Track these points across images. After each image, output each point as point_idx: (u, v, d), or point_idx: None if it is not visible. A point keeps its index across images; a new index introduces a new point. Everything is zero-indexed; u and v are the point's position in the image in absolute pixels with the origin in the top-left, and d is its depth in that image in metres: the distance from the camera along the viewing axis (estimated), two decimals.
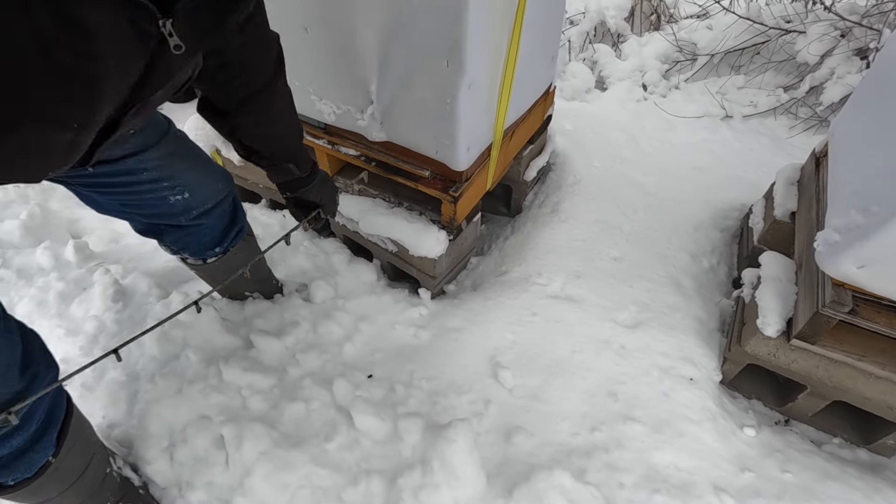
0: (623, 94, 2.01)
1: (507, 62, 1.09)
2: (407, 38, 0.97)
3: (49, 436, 0.71)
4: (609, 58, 2.12)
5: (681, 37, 2.18)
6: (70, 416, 0.76)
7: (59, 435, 0.73)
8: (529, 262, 1.39)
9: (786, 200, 1.29)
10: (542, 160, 1.61)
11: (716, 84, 2.09)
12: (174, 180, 0.84)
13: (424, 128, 1.12)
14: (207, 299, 1.26)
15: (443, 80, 0.99)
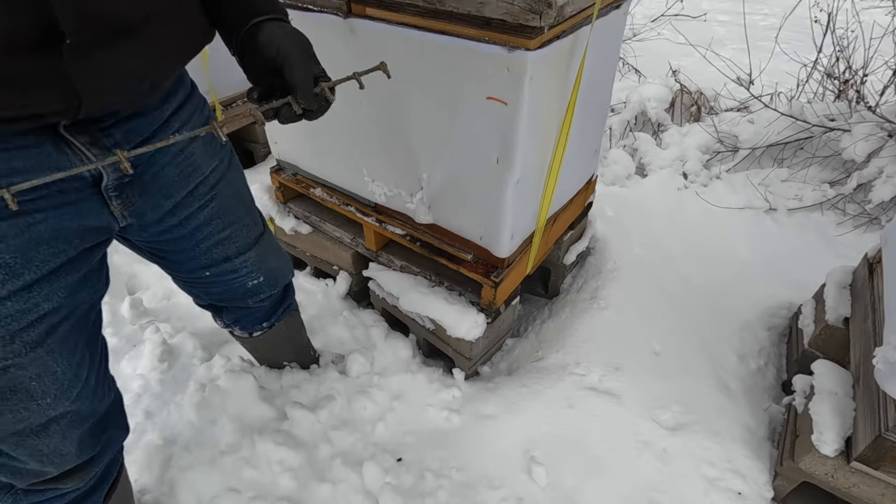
0: (664, 182, 2.04)
1: (554, 158, 1.14)
2: (460, 137, 1.03)
3: (100, 492, 0.73)
4: (650, 146, 2.17)
5: (721, 128, 2.23)
6: (120, 474, 0.78)
7: (108, 492, 0.75)
8: (567, 349, 1.37)
9: (838, 305, 1.25)
10: (582, 245, 1.62)
11: (758, 176, 2.10)
12: (257, 268, 0.89)
13: (470, 215, 1.16)
14: (247, 366, 1.29)
15: (492, 176, 1.04)
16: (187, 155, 0.70)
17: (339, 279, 1.58)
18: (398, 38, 0.99)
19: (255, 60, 0.64)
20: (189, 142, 0.70)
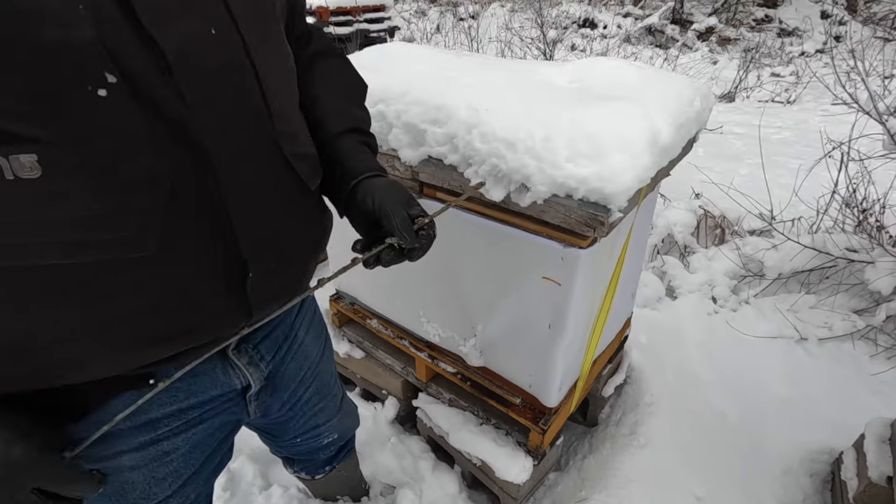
0: (694, 307, 2.13)
1: (599, 316, 1.26)
2: (515, 303, 1.17)
3: None
4: (678, 270, 2.29)
5: (746, 252, 2.34)
6: None
7: None
8: (611, 490, 1.40)
9: (879, 462, 1.28)
10: (620, 377, 1.70)
11: (786, 301, 2.17)
12: (335, 429, 1.00)
13: (521, 366, 1.27)
14: (303, 497, 1.36)
15: (543, 338, 1.16)
16: (302, 346, 0.84)
17: (388, 404, 1.67)
18: (463, 220, 1.16)
19: (357, 217, 0.69)
20: (304, 333, 0.84)
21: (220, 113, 0.51)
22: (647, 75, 1.14)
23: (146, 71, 0.46)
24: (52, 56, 0.41)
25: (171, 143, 0.48)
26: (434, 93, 1.09)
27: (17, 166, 0.42)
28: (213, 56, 0.50)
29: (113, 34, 0.43)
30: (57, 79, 0.42)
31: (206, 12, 0.50)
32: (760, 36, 7.87)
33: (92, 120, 0.44)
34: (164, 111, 0.47)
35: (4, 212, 0.43)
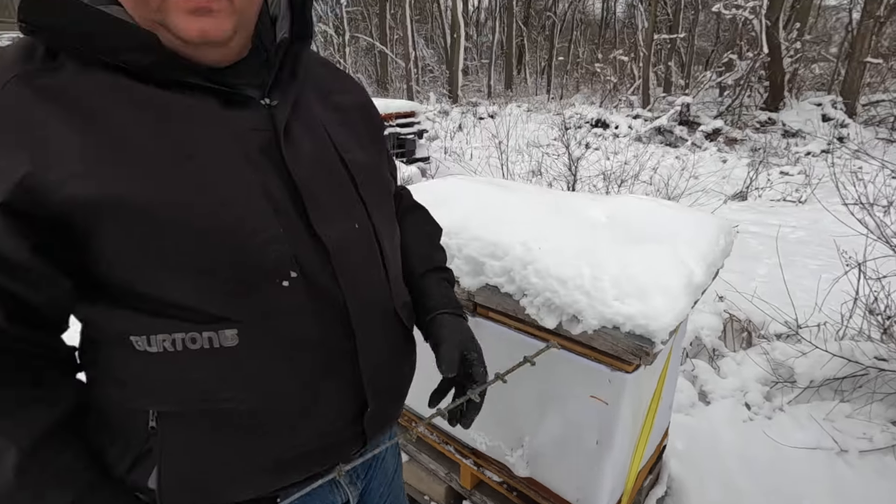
0: (728, 413, 2.15)
1: (643, 431, 1.33)
2: (563, 418, 1.25)
3: None
4: (709, 374, 2.34)
5: (775, 358, 2.39)
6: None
7: None
8: None
9: None
10: (661, 490, 1.71)
11: (821, 409, 2.18)
12: None
13: (568, 479, 1.32)
14: None
15: (591, 453, 1.23)
16: (384, 462, 0.93)
17: None
18: (514, 339, 1.28)
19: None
20: (385, 450, 0.94)
21: (361, 289, 0.66)
22: (675, 215, 1.32)
23: (315, 265, 0.60)
24: (257, 260, 0.57)
25: (328, 317, 0.62)
26: (491, 229, 1.28)
27: (222, 338, 0.57)
28: (357, 247, 0.65)
29: (297, 242, 0.59)
30: (257, 276, 0.57)
31: (352, 212, 0.67)
32: (766, 137, 8.33)
33: (277, 305, 0.58)
34: (326, 294, 0.61)
35: (209, 369, 0.58)
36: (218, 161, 0.56)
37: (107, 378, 0.62)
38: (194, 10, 0.52)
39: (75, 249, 0.53)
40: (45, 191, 0.49)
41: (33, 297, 0.54)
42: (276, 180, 0.58)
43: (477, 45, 25.07)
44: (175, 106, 0.55)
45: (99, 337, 0.61)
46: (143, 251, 0.53)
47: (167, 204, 0.52)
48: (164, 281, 0.54)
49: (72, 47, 0.52)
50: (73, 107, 0.51)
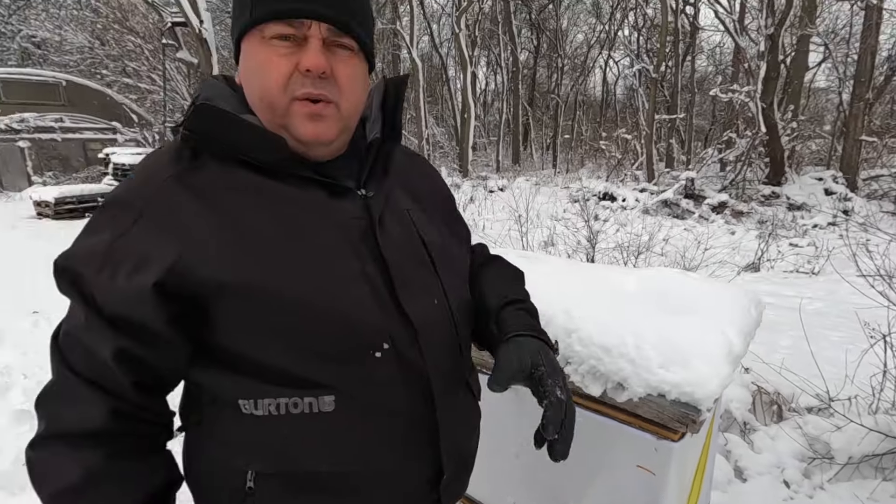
0: (766, 492, 2.08)
1: (690, 498, 1.32)
2: (609, 487, 1.26)
3: None
4: (743, 449, 2.29)
5: (810, 433, 2.34)
6: None
7: None
8: None
9: None
10: None
11: (864, 488, 2.11)
12: None
13: None
14: None
15: None
16: None
17: None
18: None
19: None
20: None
21: (441, 362, 0.70)
22: (705, 286, 1.39)
23: (403, 338, 0.65)
24: (356, 334, 0.63)
25: (414, 387, 0.67)
26: (533, 299, 1.35)
27: (321, 403, 0.63)
28: (437, 323, 0.70)
29: (388, 318, 0.65)
30: (355, 348, 0.63)
31: (431, 289, 0.72)
32: (772, 210, 8.54)
33: (370, 374, 0.64)
34: (412, 365, 0.66)
35: (308, 432, 0.64)
36: (326, 247, 0.64)
37: (210, 438, 0.68)
38: (310, 116, 0.63)
39: (200, 321, 0.61)
40: (186, 273, 0.58)
41: (160, 362, 0.62)
42: (372, 264, 0.66)
43: (484, 124, 26.49)
44: (291, 196, 0.64)
45: (206, 399, 0.67)
46: (259, 326, 0.60)
47: (284, 287, 0.60)
48: (274, 351, 0.61)
49: (217, 149, 0.63)
50: (212, 201, 0.61)
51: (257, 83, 0.63)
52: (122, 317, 0.58)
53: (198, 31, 10.55)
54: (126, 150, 11.35)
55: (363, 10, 0.66)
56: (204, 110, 0.61)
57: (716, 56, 19.47)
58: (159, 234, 0.58)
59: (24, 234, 7.63)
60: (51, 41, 16.46)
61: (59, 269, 0.60)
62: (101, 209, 0.61)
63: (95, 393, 0.59)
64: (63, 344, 0.61)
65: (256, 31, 0.62)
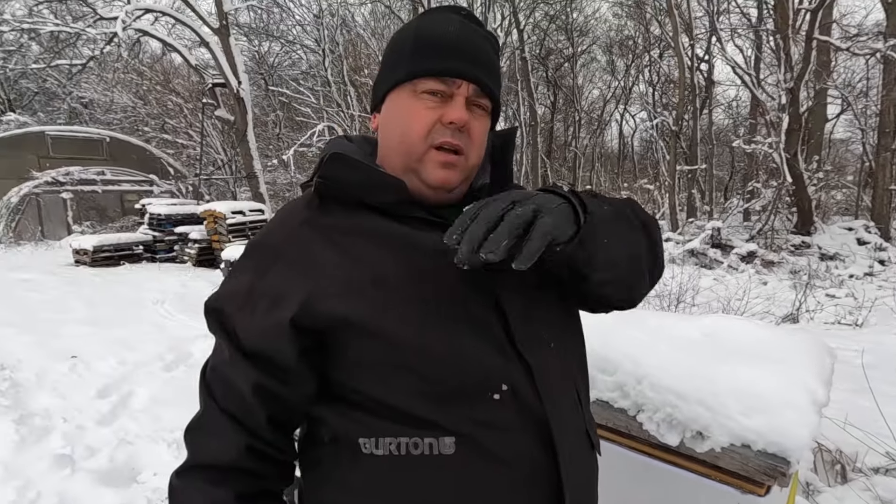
0: None
1: None
2: None
3: None
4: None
5: (884, 497, 2.18)
6: None
7: None
8: None
9: None
10: None
11: None
12: None
13: None
14: None
15: None
16: None
17: None
18: (627, 458, 1.27)
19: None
20: None
21: (559, 407, 0.68)
22: (771, 334, 1.36)
23: (521, 381, 0.64)
24: (476, 376, 0.63)
25: (533, 432, 0.65)
26: (594, 344, 1.33)
27: (442, 445, 0.62)
28: (553, 367, 0.69)
29: (506, 359, 0.64)
30: (474, 390, 0.63)
31: (546, 334, 0.70)
32: (805, 260, 8.36)
33: (490, 417, 0.63)
34: (531, 409, 0.65)
35: (428, 474, 0.63)
36: (443, 289, 0.65)
37: (328, 481, 0.67)
38: (444, 164, 0.68)
39: (326, 356, 0.64)
40: (316, 308, 0.61)
41: (292, 396, 0.65)
42: (489, 306, 0.66)
43: None
44: (409, 237, 0.67)
45: (327, 437, 0.67)
46: (379, 363, 0.62)
47: (401, 327, 0.61)
48: (393, 389, 0.62)
49: (343, 193, 0.68)
50: (338, 241, 0.65)
51: (400, 129, 0.69)
52: (260, 351, 0.62)
53: (235, 91, 11.24)
54: (162, 200, 11.83)
55: (498, 75, 0.73)
56: (336, 158, 0.67)
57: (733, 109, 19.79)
58: (293, 273, 0.63)
59: (62, 281, 7.88)
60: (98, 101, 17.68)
61: (209, 310, 0.66)
62: (244, 254, 0.68)
63: (234, 427, 0.62)
64: (210, 378, 0.66)
65: (409, 85, 0.68)
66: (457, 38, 0.68)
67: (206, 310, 0.66)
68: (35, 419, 2.85)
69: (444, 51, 0.67)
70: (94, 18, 11.23)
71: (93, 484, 2.26)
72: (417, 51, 0.68)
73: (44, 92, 19.34)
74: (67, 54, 14.04)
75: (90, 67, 14.13)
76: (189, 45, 14.03)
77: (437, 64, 0.67)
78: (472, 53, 0.68)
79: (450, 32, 0.68)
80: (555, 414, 0.68)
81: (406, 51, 0.69)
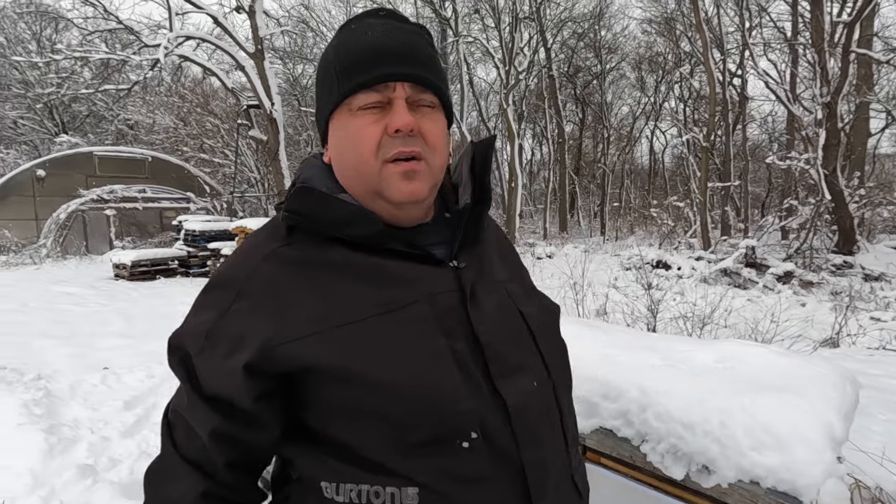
0: None
1: None
2: None
3: None
4: None
5: None
6: None
7: None
8: None
9: None
10: None
11: None
12: None
13: None
14: None
15: None
16: None
17: None
18: (629, 489, 1.22)
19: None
20: None
21: (539, 451, 0.62)
22: (790, 361, 1.29)
23: (496, 425, 0.59)
24: (446, 421, 0.58)
25: (506, 483, 0.60)
26: (600, 370, 1.30)
27: (404, 496, 0.58)
28: (536, 405, 0.64)
29: (480, 399, 0.59)
30: (440, 437, 0.58)
31: (531, 369, 0.66)
32: (846, 280, 7.96)
33: (456, 468, 0.58)
34: (505, 457, 0.60)
35: None
36: (415, 325, 0.61)
37: None
38: (405, 174, 0.62)
39: (290, 399, 0.61)
40: (278, 351, 0.58)
41: (254, 442, 0.62)
42: (463, 341, 0.62)
43: (531, 192, 26.91)
44: (382, 271, 0.64)
45: (294, 476, 0.65)
46: (344, 406, 0.59)
47: (369, 368, 0.58)
48: (358, 434, 0.59)
49: (313, 227, 0.63)
50: (306, 277, 0.61)
51: (350, 154, 0.64)
52: (218, 396, 0.60)
53: (269, 111, 11.65)
54: (197, 217, 12.27)
55: (438, 67, 0.67)
56: (303, 192, 0.63)
57: (768, 124, 19.25)
58: (254, 314, 0.59)
59: (100, 294, 8.23)
60: (142, 123, 18.64)
61: (171, 347, 0.63)
62: (206, 288, 0.64)
63: (191, 472, 0.60)
64: (171, 420, 0.64)
65: (344, 107, 0.64)
66: (378, 42, 0.62)
67: (169, 347, 0.64)
68: (64, 429, 2.95)
69: (368, 58, 0.62)
70: (139, 46, 11.90)
71: (113, 495, 2.31)
72: (342, 69, 0.63)
73: (93, 114, 20.53)
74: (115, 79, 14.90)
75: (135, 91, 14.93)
76: (227, 68, 14.67)
77: (364, 74, 0.61)
78: (399, 51, 0.63)
79: (369, 37, 0.63)
80: (533, 460, 0.62)
81: (332, 73, 0.64)
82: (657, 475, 1.13)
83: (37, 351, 4.77)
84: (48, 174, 14.38)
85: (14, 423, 2.89)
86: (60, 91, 15.13)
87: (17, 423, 2.89)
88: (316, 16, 18.79)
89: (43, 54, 14.52)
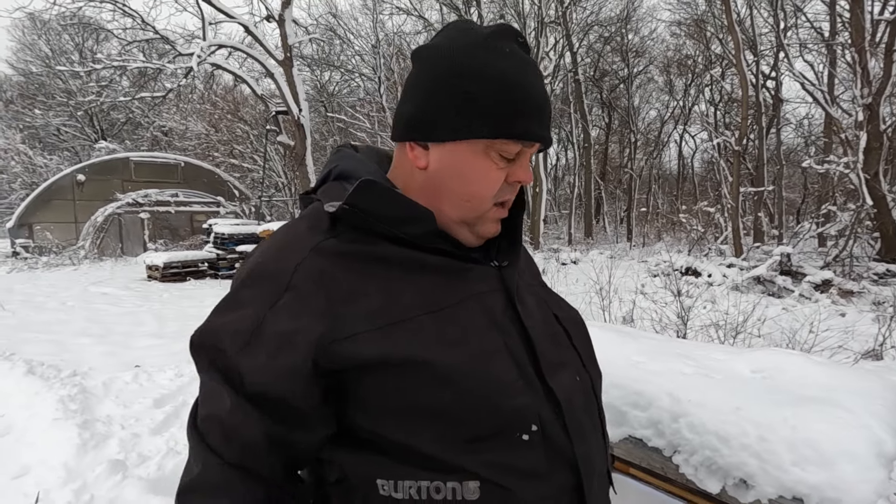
0: None
1: None
2: None
3: None
4: None
5: None
6: None
7: None
8: None
9: None
10: None
11: None
12: None
13: None
14: None
15: None
16: None
17: None
18: (660, 501, 1.17)
19: None
20: None
21: (588, 445, 0.64)
22: (835, 372, 1.23)
23: (550, 418, 0.60)
24: (505, 415, 0.58)
25: (559, 469, 0.61)
26: (630, 377, 1.26)
27: (465, 490, 0.57)
28: (580, 399, 0.65)
29: (535, 393, 0.60)
30: (503, 430, 0.58)
31: (571, 364, 0.67)
32: (889, 289, 7.59)
33: (516, 460, 0.58)
34: (557, 445, 0.61)
35: None
36: (469, 321, 0.61)
37: None
38: (496, 219, 0.68)
39: (344, 398, 0.59)
40: (333, 348, 0.55)
41: (306, 442, 0.59)
42: (516, 338, 0.63)
43: (555, 197, 26.65)
44: (432, 268, 0.63)
45: (333, 478, 0.63)
46: (404, 403, 0.57)
47: (429, 361, 0.57)
48: (418, 430, 0.58)
49: (365, 222, 0.61)
50: (360, 272, 0.59)
51: (468, 188, 0.64)
52: (272, 396, 0.56)
53: (296, 117, 11.88)
54: (226, 221, 12.58)
55: None
56: (369, 187, 0.61)
57: (804, 127, 18.59)
58: (306, 308, 0.56)
59: (134, 294, 8.50)
60: (176, 129, 19.26)
61: (197, 346, 0.59)
62: (243, 282, 0.60)
63: (243, 478, 0.56)
64: (204, 428, 0.58)
65: (482, 142, 0.62)
66: (538, 93, 0.62)
67: (193, 346, 0.59)
68: (97, 425, 3.04)
69: (534, 114, 0.62)
70: (174, 55, 12.31)
71: (141, 491, 2.36)
72: (504, 108, 0.60)
73: (130, 121, 21.35)
74: (151, 87, 15.46)
75: (169, 98, 15.44)
76: (256, 76, 15.05)
77: (527, 130, 0.62)
78: (547, 110, 0.64)
79: (530, 82, 0.62)
80: (582, 455, 0.63)
81: (488, 101, 0.60)
82: (690, 488, 1.08)
83: (74, 349, 4.94)
84: (87, 179, 14.99)
85: (50, 419, 2.99)
86: (100, 99, 15.78)
87: (52, 419, 2.99)
88: (343, 24, 19.10)
89: (84, 64, 15.16)
